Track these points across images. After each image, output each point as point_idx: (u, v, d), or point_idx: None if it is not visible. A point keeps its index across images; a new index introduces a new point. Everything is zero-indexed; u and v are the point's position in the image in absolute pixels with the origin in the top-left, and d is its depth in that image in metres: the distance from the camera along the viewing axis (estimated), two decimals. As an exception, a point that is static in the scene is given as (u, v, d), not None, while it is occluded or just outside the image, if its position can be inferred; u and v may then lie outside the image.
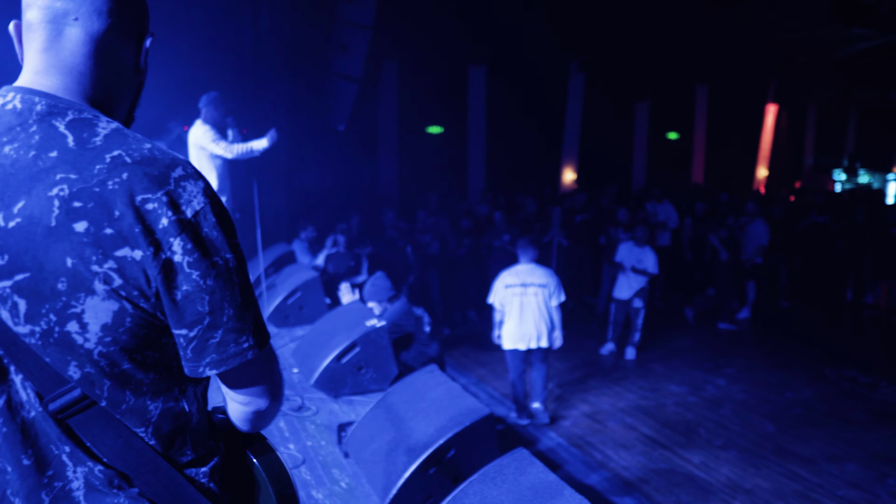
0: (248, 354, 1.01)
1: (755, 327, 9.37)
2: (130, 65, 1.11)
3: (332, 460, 3.52)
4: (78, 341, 0.95)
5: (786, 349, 8.26)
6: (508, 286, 5.84)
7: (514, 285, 5.82)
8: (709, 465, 5.24)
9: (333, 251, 7.45)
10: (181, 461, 1.06)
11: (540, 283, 5.81)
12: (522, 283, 5.80)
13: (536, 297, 5.77)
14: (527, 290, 5.79)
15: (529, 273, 5.84)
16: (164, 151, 1.00)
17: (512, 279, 5.85)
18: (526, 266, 5.88)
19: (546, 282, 5.82)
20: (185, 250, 0.94)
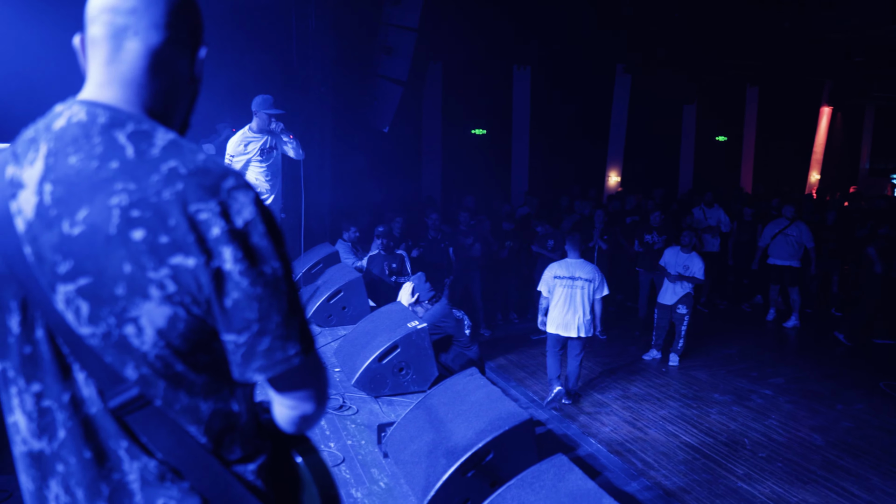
0: (295, 361, 1.04)
1: (804, 336, 9.11)
2: (186, 75, 1.15)
3: (371, 460, 3.56)
4: (135, 344, 1.00)
5: (837, 360, 8.00)
6: (557, 277, 6.34)
7: (564, 277, 6.31)
8: (753, 478, 5.12)
9: (375, 253, 7.53)
10: (230, 458, 1.09)
11: (587, 277, 6.29)
12: (571, 277, 6.30)
13: (582, 291, 6.27)
14: (574, 283, 6.28)
15: (579, 267, 6.33)
16: (216, 162, 1.04)
17: (562, 271, 6.34)
18: (575, 261, 6.37)
19: (592, 277, 6.30)
20: (235, 259, 0.98)
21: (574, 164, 12.61)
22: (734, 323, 9.62)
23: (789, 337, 9.10)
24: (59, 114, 1.06)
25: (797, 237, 9.08)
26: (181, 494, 1.05)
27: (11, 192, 1.03)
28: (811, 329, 9.27)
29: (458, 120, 11.81)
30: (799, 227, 9.10)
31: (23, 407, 1.08)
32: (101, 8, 1.07)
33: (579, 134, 12.45)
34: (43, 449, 1.07)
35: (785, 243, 9.13)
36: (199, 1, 1.17)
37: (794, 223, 9.14)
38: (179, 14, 1.11)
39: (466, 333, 5.59)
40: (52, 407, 1.05)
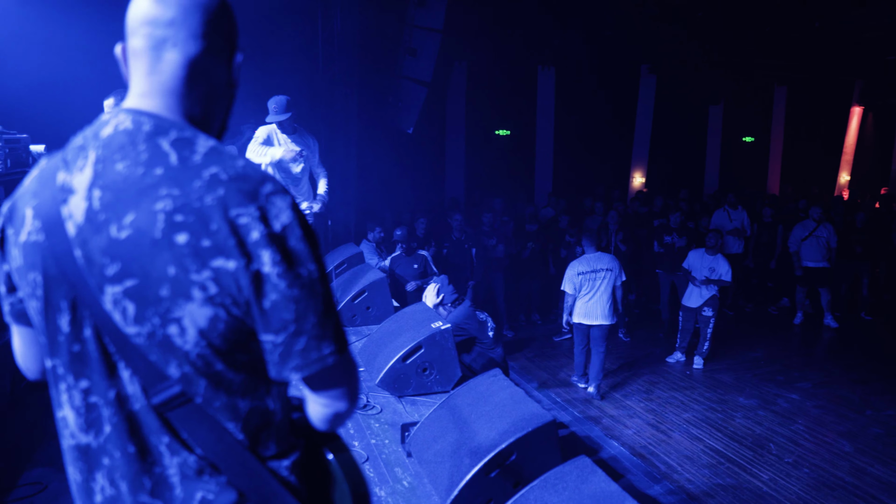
0: (330, 360, 1.08)
1: (833, 340, 8.98)
2: (224, 81, 1.19)
3: (395, 459, 3.60)
4: (177, 343, 1.04)
5: (867, 365, 7.87)
6: (580, 273, 6.73)
7: (586, 272, 6.71)
8: (778, 483, 5.07)
9: (398, 254, 7.57)
10: (265, 454, 1.13)
11: (607, 267, 6.71)
12: (593, 270, 6.70)
13: (604, 280, 6.68)
14: (597, 275, 6.69)
15: (598, 260, 6.74)
16: (255, 168, 1.09)
17: (583, 267, 6.74)
18: (593, 254, 6.79)
19: (612, 266, 6.73)
20: (273, 262, 1.02)
21: (598, 165, 12.56)
22: (760, 326, 9.51)
23: (817, 340, 8.98)
24: (107, 122, 1.11)
25: (826, 238, 9.03)
26: (218, 488, 1.09)
27: (63, 197, 1.08)
28: (840, 333, 9.12)
29: (482, 121, 11.83)
30: (827, 229, 9.06)
31: (71, 402, 1.13)
32: (142, 21, 1.11)
33: (604, 135, 12.39)
34: (90, 443, 1.12)
35: (816, 245, 9.05)
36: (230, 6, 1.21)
37: (822, 224, 9.07)
38: (216, 24, 1.14)
39: (490, 335, 5.61)
40: (98, 403, 1.10)
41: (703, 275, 7.51)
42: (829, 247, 9.04)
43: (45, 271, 1.09)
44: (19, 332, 1.28)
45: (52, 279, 1.09)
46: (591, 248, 6.83)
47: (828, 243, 9.03)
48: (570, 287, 6.75)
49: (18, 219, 1.13)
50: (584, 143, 12.26)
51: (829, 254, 9.06)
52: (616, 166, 13.16)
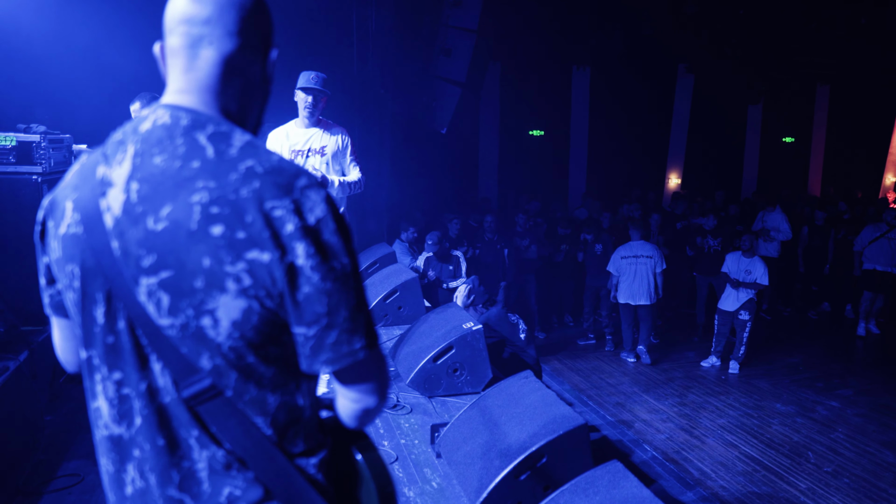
0: (360, 354, 1.09)
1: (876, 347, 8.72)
2: (259, 77, 1.21)
3: (424, 459, 3.60)
4: (210, 335, 1.05)
5: (911, 372, 7.64)
6: (624, 257, 7.74)
7: (629, 256, 7.70)
8: (817, 493, 4.94)
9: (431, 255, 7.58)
10: (293, 451, 1.14)
11: (647, 254, 7.65)
12: (635, 255, 7.67)
13: (645, 266, 7.61)
14: (637, 260, 7.65)
15: (640, 247, 7.70)
16: (290, 163, 1.10)
17: (627, 252, 7.74)
18: (637, 242, 7.75)
19: (652, 254, 7.67)
20: (307, 254, 1.03)
21: (633, 167, 12.40)
22: (799, 331, 9.29)
23: (859, 347, 8.73)
24: (146, 117, 1.13)
25: None
26: (246, 484, 1.10)
27: (102, 190, 1.10)
28: (884, 339, 8.86)
29: (516, 121, 11.78)
30: None
31: (105, 393, 1.15)
32: (179, 20, 1.13)
33: (639, 135, 12.24)
34: (122, 434, 1.14)
35: (887, 248, 8.65)
36: None
37: None
38: (251, 21, 1.16)
39: (521, 337, 5.58)
40: (130, 395, 1.12)
41: (740, 277, 7.38)
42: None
43: (83, 263, 1.11)
44: (58, 324, 1.31)
45: (89, 271, 1.11)
46: (636, 234, 7.75)
47: None
48: (613, 268, 7.81)
49: (59, 212, 1.15)
50: (619, 144, 12.13)
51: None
52: (651, 167, 12.99)
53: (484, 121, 11.55)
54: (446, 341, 4.46)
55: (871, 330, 8.92)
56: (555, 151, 12.30)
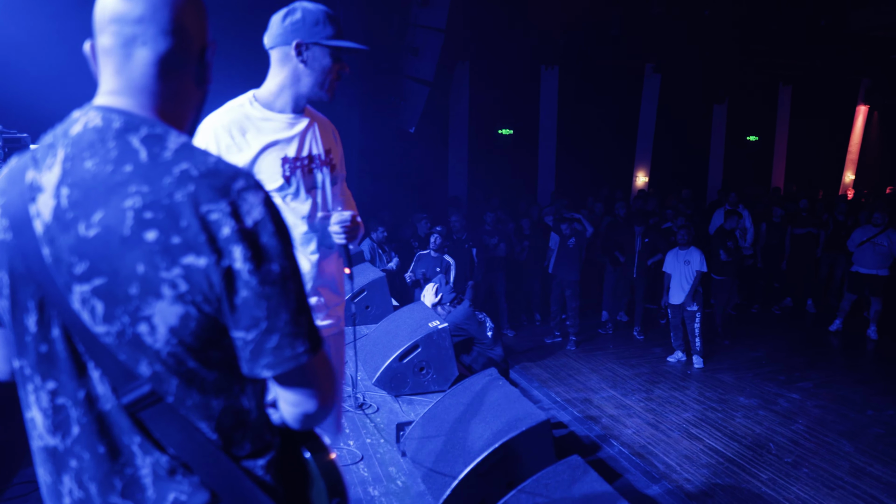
0: (303, 359, 1.07)
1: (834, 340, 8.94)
2: (195, 78, 1.18)
3: (389, 458, 3.61)
4: (148, 341, 1.03)
5: (869, 365, 7.84)
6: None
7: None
8: (778, 483, 5.05)
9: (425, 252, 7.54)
10: (239, 454, 1.12)
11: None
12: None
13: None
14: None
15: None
16: (227, 164, 1.07)
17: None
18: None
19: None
20: (245, 258, 1.01)
21: (601, 165, 12.53)
22: (762, 326, 9.48)
23: (819, 341, 8.93)
24: (77, 119, 1.11)
25: (888, 247, 8.54)
26: (192, 489, 1.09)
27: (31, 195, 1.07)
28: (843, 333, 9.08)
29: (485, 120, 11.81)
30: (890, 237, 8.55)
31: (39, 404, 1.12)
32: (110, 18, 1.10)
33: (607, 134, 12.37)
34: (57, 445, 1.11)
35: (872, 252, 8.62)
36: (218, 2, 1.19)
37: (886, 232, 8.57)
38: (185, 20, 1.13)
39: (489, 335, 5.61)
40: (66, 404, 1.09)
41: (678, 269, 7.58)
42: (888, 255, 8.55)
43: (12, 270, 1.09)
44: None
45: (20, 278, 1.08)
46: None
47: (889, 252, 8.55)
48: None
49: None
50: (588, 143, 12.24)
51: (889, 261, 8.56)
52: (619, 166, 13.13)
53: (453, 120, 11.57)
54: (412, 340, 4.48)
55: (870, 336, 8.80)
56: (524, 150, 12.37)
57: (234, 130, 2.17)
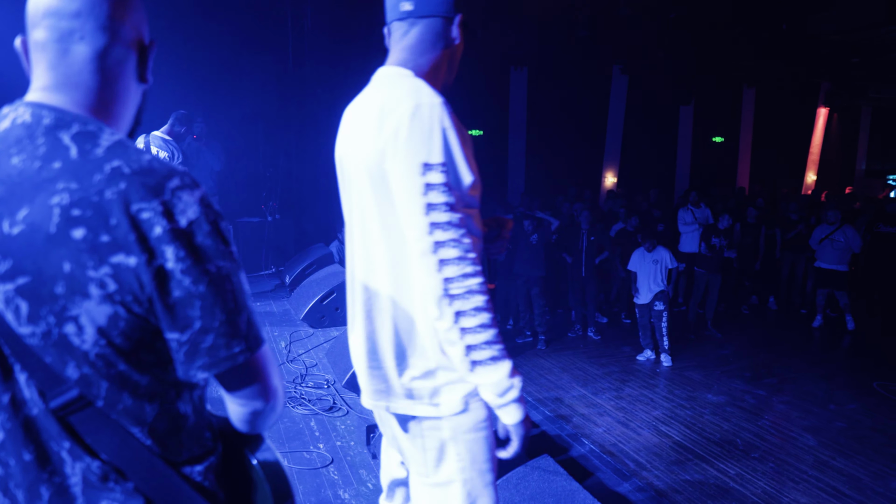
0: (240, 358, 1.04)
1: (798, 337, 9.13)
2: (134, 76, 1.15)
3: (360, 461, 3.57)
4: (75, 343, 0.99)
5: (832, 361, 8.02)
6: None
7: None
8: (745, 478, 5.13)
9: None
10: (177, 459, 1.09)
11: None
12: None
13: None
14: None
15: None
16: (162, 163, 1.03)
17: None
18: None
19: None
20: (177, 258, 0.98)
21: (571, 165, 12.63)
22: (730, 324, 9.63)
23: (784, 337, 9.11)
24: (5, 115, 1.07)
25: (845, 242, 8.87)
26: (125, 496, 1.05)
27: None
28: (805, 330, 9.28)
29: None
30: (846, 233, 8.89)
31: None
32: (44, 12, 1.06)
33: (576, 134, 12.47)
34: None
35: (832, 248, 8.97)
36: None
37: (841, 228, 8.93)
38: (124, 16, 1.10)
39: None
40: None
41: (645, 268, 7.71)
42: (845, 250, 8.86)
43: None
44: None
45: None
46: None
47: (846, 247, 8.86)
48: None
49: None
50: (557, 143, 12.33)
51: (847, 257, 8.88)
52: (588, 166, 13.25)
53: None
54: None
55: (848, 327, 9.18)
56: (493, 150, 12.40)
57: None
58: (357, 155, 1.59)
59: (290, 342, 5.49)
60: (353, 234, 1.68)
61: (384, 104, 1.53)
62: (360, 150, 1.58)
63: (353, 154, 1.62)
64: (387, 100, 1.53)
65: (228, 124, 8.48)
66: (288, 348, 5.36)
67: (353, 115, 1.69)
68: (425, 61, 1.67)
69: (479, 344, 1.47)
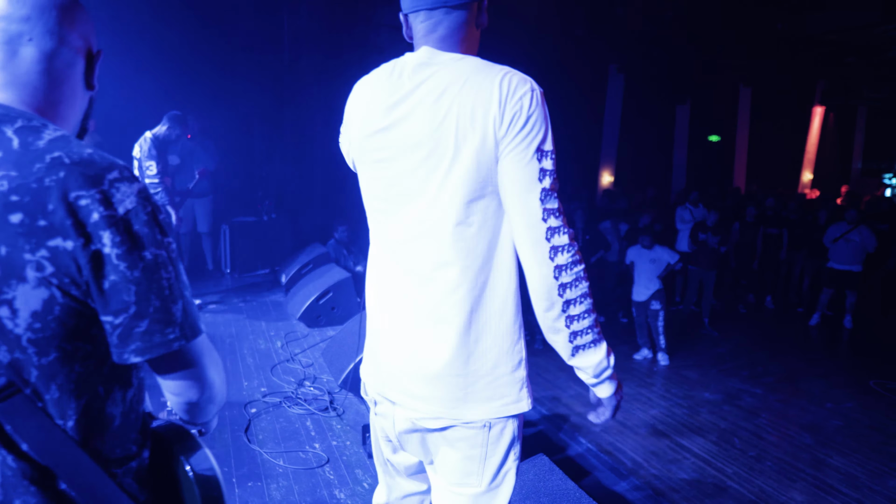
0: (174, 345, 1.06)
1: (796, 335, 9.13)
2: (81, 80, 1.20)
3: (356, 461, 3.55)
4: (8, 326, 1.00)
5: (828, 359, 8.02)
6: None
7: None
8: (742, 476, 5.12)
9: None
10: (102, 457, 1.09)
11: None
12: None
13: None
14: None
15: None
16: (104, 156, 1.07)
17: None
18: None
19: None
20: (113, 243, 1.00)
21: (567, 164, 12.61)
22: (727, 323, 9.63)
23: (781, 336, 9.11)
24: None
25: (860, 242, 8.75)
26: (44, 493, 1.04)
27: None
28: (802, 328, 9.29)
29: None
30: (861, 233, 8.77)
31: None
32: None
33: (572, 134, 12.46)
34: None
35: (846, 248, 8.85)
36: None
37: (857, 228, 8.79)
38: (73, 24, 1.16)
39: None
40: None
41: (642, 266, 7.68)
42: (861, 250, 8.75)
43: None
44: None
45: None
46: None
47: (861, 247, 8.75)
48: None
49: None
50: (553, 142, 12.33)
51: (862, 256, 8.78)
52: (585, 165, 13.25)
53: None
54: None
55: (845, 325, 9.18)
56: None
57: None
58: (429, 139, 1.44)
59: (286, 342, 5.47)
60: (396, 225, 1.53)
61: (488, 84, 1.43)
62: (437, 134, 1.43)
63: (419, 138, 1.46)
64: (481, 80, 1.44)
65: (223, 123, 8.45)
66: (284, 348, 5.33)
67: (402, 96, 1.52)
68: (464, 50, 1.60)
69: (583, 329, 1.48)
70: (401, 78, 1.57)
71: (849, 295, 9.13)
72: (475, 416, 1.48)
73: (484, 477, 1.52)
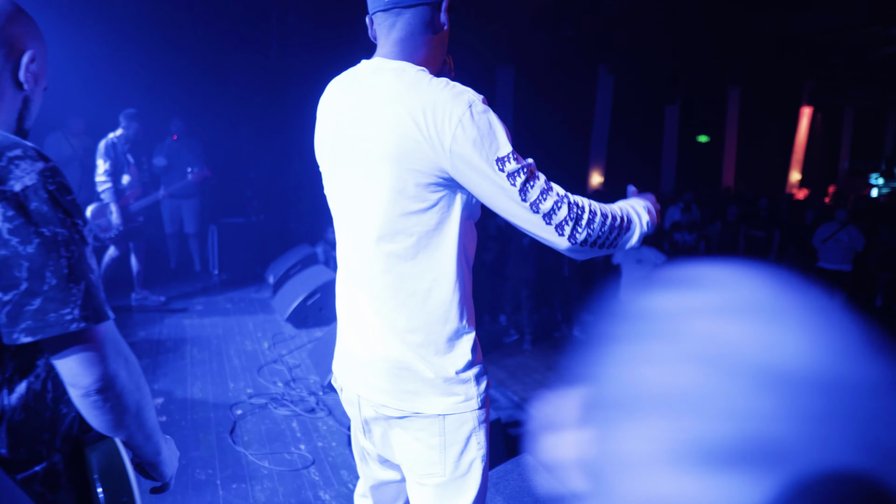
0: (71, 326, 1.03)
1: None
2: (10, 80, 1.20)
3: (341, 462, 3.54)
4: None
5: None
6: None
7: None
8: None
9: None
10: (6, 459, 1.06)
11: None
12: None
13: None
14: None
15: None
16: (9, 137, 1.08)
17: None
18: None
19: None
20: (5, 217, 1.00)
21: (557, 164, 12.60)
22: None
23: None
24: None
25: (849, 242, 8.74)
26: None
27: None
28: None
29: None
30: (850, 233, 8.75)
31: None
32: None
33: (562, 134, 12.48)
34: None
35: (835, 248, 8.84)
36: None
37: (845, 227, 8.77)
38: (2, 27, 1.16)
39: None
40: None
41: (628, 267, 7.73)
42: (849, 250, 8.74)
43: None
44: None
45: None
46: None
47: (852, 247, 8.73)
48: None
49: None
50: (543, 142, 12.32)
51: (851, 256, 8.77)
52: (574, 165, 13.27)
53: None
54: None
55: None
56: (480, 150, 12.39)
57: None
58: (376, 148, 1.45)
59: (274, 343, 5.45)
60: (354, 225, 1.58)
61: (422, 106, 1.40)
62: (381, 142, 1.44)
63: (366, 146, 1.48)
64: (419, 100, 1.41)
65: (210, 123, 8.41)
66: (271, 349, 5.32)
67: (349, 106, 1.57)
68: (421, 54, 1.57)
69: (630, 230, 1.58)
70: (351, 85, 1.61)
71: (839, 294, 9.16)
72: (430, 411, 1.51)
73: (447, 466, 1.53)
